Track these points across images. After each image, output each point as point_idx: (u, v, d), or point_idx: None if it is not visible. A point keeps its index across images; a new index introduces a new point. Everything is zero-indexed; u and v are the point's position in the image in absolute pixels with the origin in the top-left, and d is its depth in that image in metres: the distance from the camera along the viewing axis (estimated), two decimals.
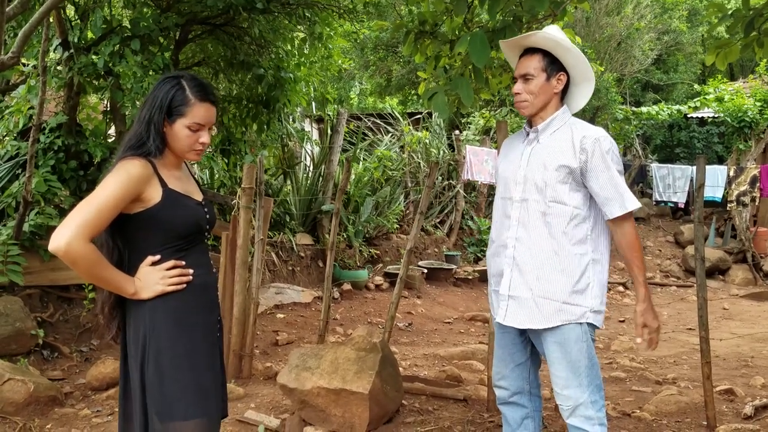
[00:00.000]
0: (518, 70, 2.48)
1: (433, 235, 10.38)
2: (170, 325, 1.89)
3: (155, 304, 1.89)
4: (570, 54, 2.41)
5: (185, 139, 1.94)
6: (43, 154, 5.41)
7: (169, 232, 1.90)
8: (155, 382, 1.86)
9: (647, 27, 14.81)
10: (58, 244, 1.72)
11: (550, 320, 2.37)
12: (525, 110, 2.48)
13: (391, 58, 13.63)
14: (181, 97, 1.92)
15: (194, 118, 1.93)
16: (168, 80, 1.96)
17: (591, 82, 2.50)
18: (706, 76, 17.60)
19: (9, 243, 4.79)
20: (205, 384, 1.92)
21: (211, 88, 2.00)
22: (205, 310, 1.99)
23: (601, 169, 2.34)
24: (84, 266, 1.77)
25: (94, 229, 1.76)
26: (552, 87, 2.44)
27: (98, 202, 1.77)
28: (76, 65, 5.09)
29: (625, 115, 13.06)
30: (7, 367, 4.00)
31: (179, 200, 1.92)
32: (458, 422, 3.65)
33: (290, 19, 6.48)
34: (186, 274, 1.92)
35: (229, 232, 4.63)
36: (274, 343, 5.78)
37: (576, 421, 2.39)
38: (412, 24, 3.58)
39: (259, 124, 6.94)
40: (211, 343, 1.99)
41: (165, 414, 1.85)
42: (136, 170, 1.84)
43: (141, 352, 1.88)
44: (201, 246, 2.03)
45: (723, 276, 10.82)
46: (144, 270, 1.89)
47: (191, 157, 1.99)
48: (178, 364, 1.87)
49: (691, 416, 3.86)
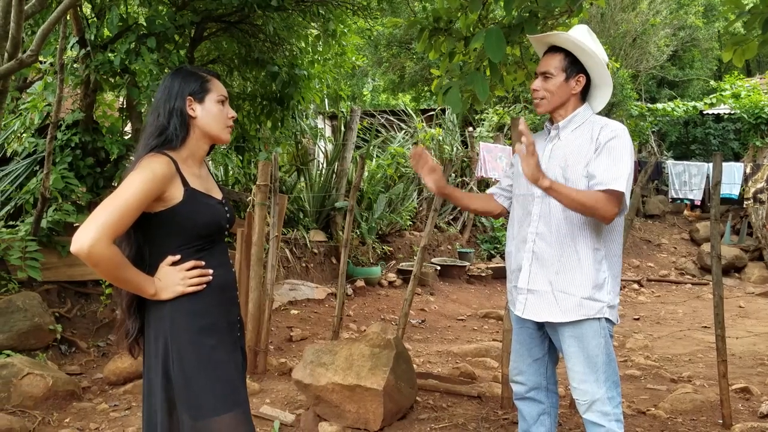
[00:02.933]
0: (539, 67, 2.48)
1: (446, 232, 10.38)
2: (192, 326, 1.88)
3: (176, 305, 1.87)
4: (589, 57, 2.39)
5: (218, 115, 1.95)
6: (61, 151, 5.46)
7: (190, 232, 1.89)
8: (182, 382, 1.85)
9: (663, 23, 14.69)
10: (80, 246, 1.68)
11: (570, 314, 2.37)
12: (541, 107, 2.48)
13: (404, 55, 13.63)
14: (198, 78, 1.95)
15: (219, 91, 1.97)
16: (175, 74, 1.97)
17: (609, 87, 2.49)
18: (723, 72, 17.44)
19: (27, 239, 4.85)
20: (232, 378, 1.92)
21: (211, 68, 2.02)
22: (225, 309, 1.98)
23: (605, 155, 2.30)
24: (106, 268, 1.74)
25: (117, 230, 1.73)
26: (570, 88, 2.43)
27: (121, 202, 1.74)
28: (93, 63, 5.13)
29: (641, 112, 12.97)
30: (26, 362, 4.05)
31: (200, 199, 1.91)
32: (472, 419, 3.65)
33: (304, 17, 6.50)
34: (206, 274, 1.91)
35: (244, 228, 4.66)
36: (289, 339, 5.80)
37: (592, 416, 2.39)
38: (426, 20, 3.57)
39: (273, 121, 6.96)
40: (232, 342, 1.99)
41: (198, 413, 1.84)
42: (160, 168, 1.81)
43: (163, 353, 1.88)
44: (221, 245, 2.02)
45: (739, 274, 10.72)
46: (164, 270, 1.88)
47: (226, 136, 1.98)
48: (203, 363, 1.86)
49: (707, 414, 3.84)
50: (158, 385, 1.90)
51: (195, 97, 1.92)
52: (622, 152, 2.31)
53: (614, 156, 2.29)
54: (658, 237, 12.33)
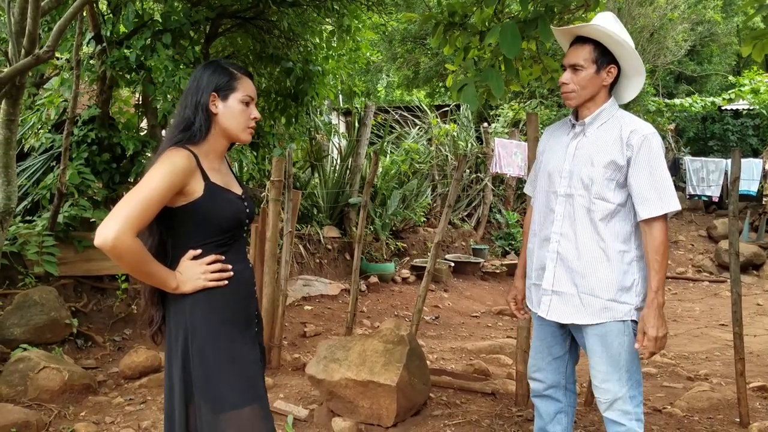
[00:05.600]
0: (567, 59, 2.39)
1: (460, 229, 10.35)
2: (211, 320, 1.89)
3: (196, 299, 1.89)
4: (622, 48, 2.32)
5: (240, 115, 1.94)
6: (77, 146, 5.50)
7: (210, 227, 1.89)
8: (201, 376, 1.87)
9: (681, 17, 14.50)
10: (105, 239, 1.68)
11: (596, 317, 2.33)
12: (571, 101, 2.41)
13: (418, 50, 13.59)
14: (227, 75, 1.94)
15: (246, 91, 1.95)
16: (207, 66, 1.97)
17: (642, 76, 2.41)
18: (741, 67, 17.21)
19: (44, 234, 4.90)
20: (251, 372, 1.93)
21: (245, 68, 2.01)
22: (245, 304, 1.99)
23: (644, 167, 2.26)
24: (129, 261, 1.75)
25: (140, 223, 1.74)
26: (601, 79, 2.36)
27: (144, 195, 1.74)
28: (109, 59, 5.16)
29: (658, 107, 12.84)
30: (42, 356, 4.09)
31: (221, 194, 1.91)
32: (486, 416, 3.63)
33: (319, 12, 6.49)
34: (226, 269, 1.91)
35: (258, 224, 4.67)
36: (302, 335, 5.82)
37: (613, 414, 2.36)
38: (441, 15, 3.55)
39: (287, 117, 6.97)
40: (251, 336, 2.00)
41: (217, 406, 1.85)
42: (181, 161, 1.82)
43: (183, 347, 1.89)
44: (241, 241, 2.02)
45: (757, 271, 10.59)
46: (185, 264, 1.89)
47: (245, 137, 1.98)
48: (222, 357, 1.87)
49: (724, 413, 3.79)
50: (177, 377, 1.91)
51: (219, 94, 1.93)
52: (661, 161, 2.28)
53: (655, 172, 2.26)
54: (675, 234, 12.21)
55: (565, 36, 2.48)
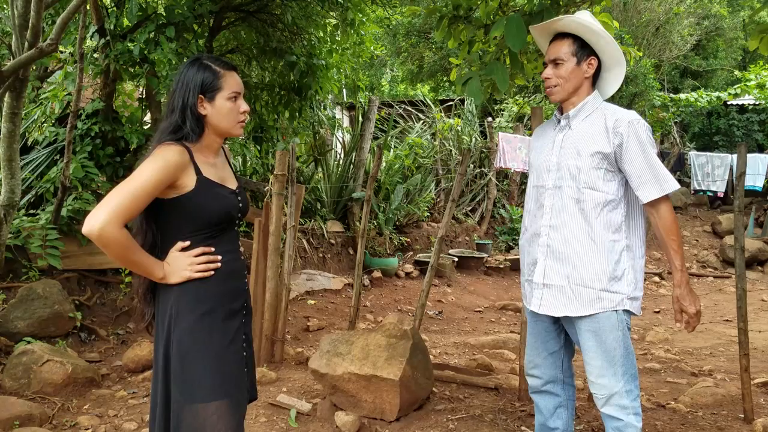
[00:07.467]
0: (548, 55, 2.45)
1: (464, 224, 10.33)
2: (193, 311, 1.91)
3: (182, 290, 1.92)
4: (600, 38, 2.37)
5: (230, 113, 1.96)
6: (81, 140, 5.50)
7: (199, 220, 1.92)
8: (177, 366, 1.90)
9: (686, 11, 14.44)
10: (91, 228, 1.74)
11: (588, 308, 2.34)
12: (555, 95, 2.45)
13: (423, 44, 13.56)
14: (211, 74, 1.95)
15: (231, 87, 1.96)
16: (190, 65, 1.98)
17: (622, 66, 2.46)
18: (747, 62, 17.13)
19: (48, 228, 4.90)
20: (227, 368, 1.94)
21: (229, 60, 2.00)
22: (230, 297, 2.00)
23: (636, 152, 2.30)
24: (115, 250, 1.79)
25: (128, 214, 1.78)
26: (582, 72, 2.41)
27: (134, 188, 1.79)
28: (113, 52, 5.16)
29: (663, 102, 12.78)
30: (46, 349, 4.10)
31: (212, 189, 1.94)
32: (489, 411, 3.63)
33: (323, 5, 6.48)
34: (214, 261, 1.95)
35: (261, 218, 4.67)
36: (305, 329, 5.82)
37: (610, 410, 2.36)
38: (445, 9, 3.53)
39: (291, 111, 6.96)
40: (234, 329, 2.00)
41: (187, 397, 1.88)
42: (173, 157, 1.85)
43: (166, 334, 1.93)
44: (231, 233, 2.05)
45: (762, 267, 10.55)
46: (173, 255, 1.92)
47: (237, 132, 2.00)
48: (200, 349, 1.90)
49: (728, 408, 3.78)
50: (161, 364, 1.95)
51: (206, 96, 1.94)
52: (651, 145, 2.32)
53: (647, 155, 2.30)
54: (680, 229, 12.18)
55: (544, 33, 2.53)
